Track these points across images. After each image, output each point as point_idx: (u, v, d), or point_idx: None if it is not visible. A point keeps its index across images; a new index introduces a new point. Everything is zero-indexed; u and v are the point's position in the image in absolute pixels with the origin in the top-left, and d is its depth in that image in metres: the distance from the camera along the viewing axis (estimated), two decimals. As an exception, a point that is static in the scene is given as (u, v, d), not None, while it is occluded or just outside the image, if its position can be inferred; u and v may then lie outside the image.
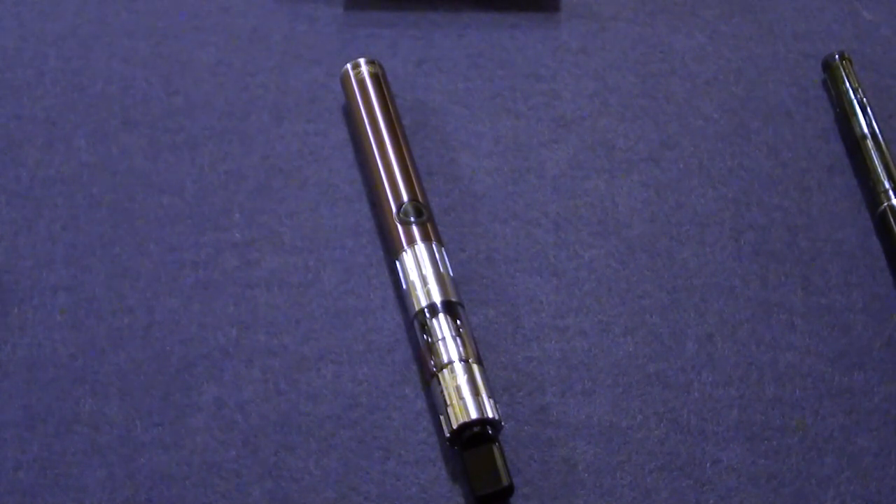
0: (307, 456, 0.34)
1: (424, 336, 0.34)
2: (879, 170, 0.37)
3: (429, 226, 0.37)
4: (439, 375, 0.33)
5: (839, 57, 0.42)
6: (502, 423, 0.33)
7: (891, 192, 0.36)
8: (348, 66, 0.42)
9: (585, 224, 0.39)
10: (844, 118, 0.40)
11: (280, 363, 0.36)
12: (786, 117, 0.43)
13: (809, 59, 0.44)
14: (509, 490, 0.32)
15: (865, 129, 0.38)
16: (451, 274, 0.36)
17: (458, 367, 0.33)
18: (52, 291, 0.38)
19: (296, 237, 0.39)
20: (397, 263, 0.37)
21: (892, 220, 0.36)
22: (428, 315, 0.35)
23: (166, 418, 0.35)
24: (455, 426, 0.32)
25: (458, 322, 0.35)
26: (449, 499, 0.33)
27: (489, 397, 0.33)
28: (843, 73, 0.41)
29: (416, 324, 0.35)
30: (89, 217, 0.40)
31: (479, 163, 0.41)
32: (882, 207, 0.36)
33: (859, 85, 0.41)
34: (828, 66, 0.42)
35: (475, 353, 0.34)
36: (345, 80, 0.42)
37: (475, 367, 0.33)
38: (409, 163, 0.39)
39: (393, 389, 0.35)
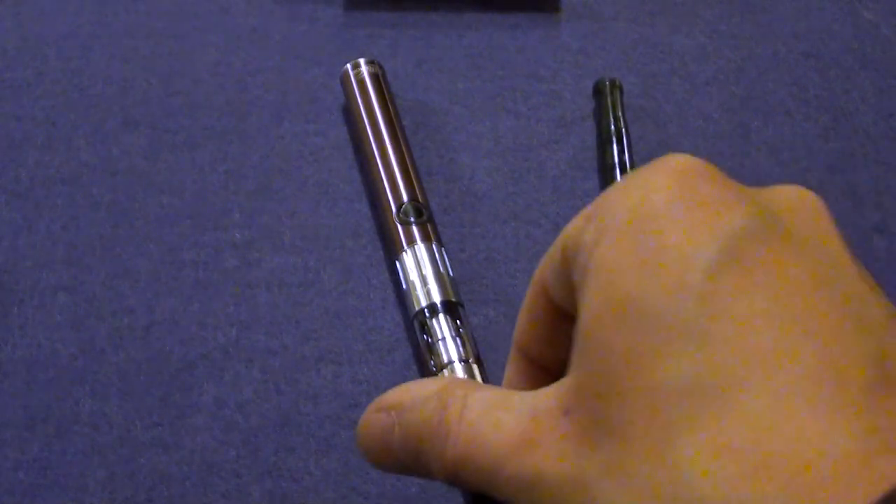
0: (307, 456, 0.34)
1: (424, 336, 0.34)
2: None
3: (429, 226, 0.37)
4: (439, 375, 0.33)
5: (609, 83, 0.42)
6: None
7: None
8: (348, 65, 0.42)
9: (585, 224, 0.39)
10: (601, 143, 0.40)
11: (280, 363, 0.36)
12: (786, 117, 0.42)
13: (809, 59, 0.44)
14: None
15: (616, 159, 0.39)
16: (451, 274, 0.36)
17: (458, 367, 0.33)
18: (52, 291, 0.38)
19: (296, 237, 0.39)
20: (397, 263, 0.37)
21: None
22: (428, 315, 0.35)
23: (166, 418, 0.35)
24: None
25: (458, 322, 0.35)
26: (449, 499, 0.33)
27: None
28: (609, 101, 0.41)
29: (416, 324, 0.35)
30: (89, 217, 0.40)
31: (479, 163, 0.41)
32: None
33: (623, 114, 0.41)
34: (597, 91, 0.42)
35: (475, 354, 0.34)
36: (345, 79, 0.42)
37: (475, 368, 0.33)
38: (409, 163, 0.39)
39: (393, 389, 0.35)
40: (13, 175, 0.41)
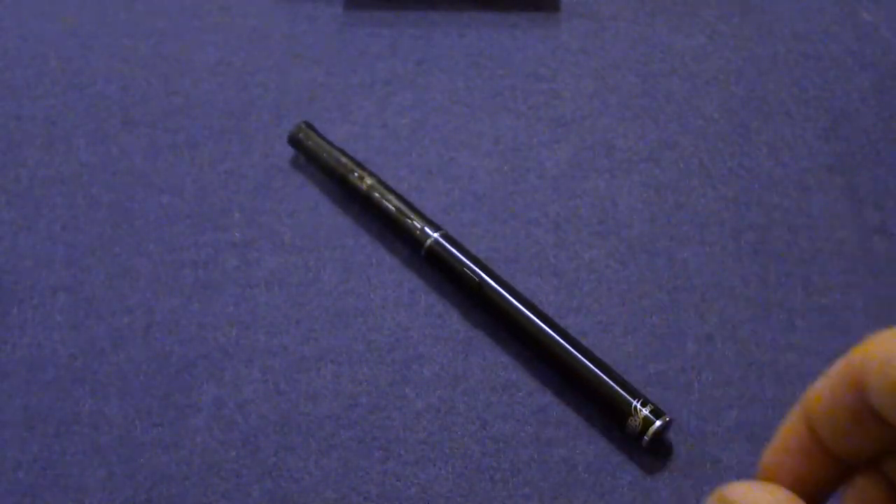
0: (307, 456, 0.34)
1: None
2: (410, 212, 0.38)
3: None
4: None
5: (299, 128, 0.41)
6: None
7: (427, 229, 0.38)
8: None
9: (585, 224, 0.39)
10: (329, 172, 0.40)
11: (280, 363, 0.36)
12: (786, 117, 0.43)
13: (809, 60, 0.44)
14: None
15: (363, 185, 0.39)
16: None
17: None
18: (52, 291, 0.38)
19: (296, 237, 0.39)
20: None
21: (438, 253, 0.37)
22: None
23: (166, 418, 0.35)
24: None
25: None
26: (449, 499, 0.33)
27: None
28: (312, 138, 0.41)
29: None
30: (89, 217, 0.40)
31: (479, 163, 0.41)
32: (427, 244, 0.37)
33: (328, 141, 0.41)
34: (295, 141, 0.41)
35: None
36: None
37: None
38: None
39: (393, 389, 0.35)
40: (13, 175, 0.41)
